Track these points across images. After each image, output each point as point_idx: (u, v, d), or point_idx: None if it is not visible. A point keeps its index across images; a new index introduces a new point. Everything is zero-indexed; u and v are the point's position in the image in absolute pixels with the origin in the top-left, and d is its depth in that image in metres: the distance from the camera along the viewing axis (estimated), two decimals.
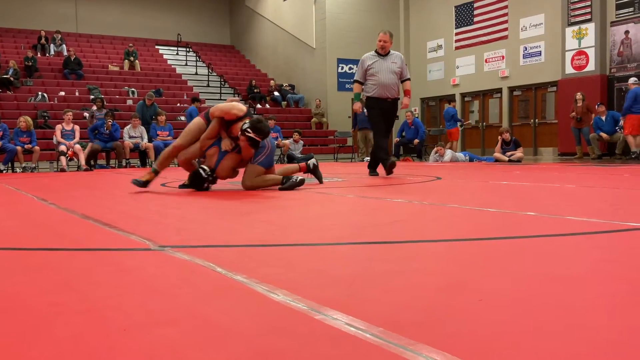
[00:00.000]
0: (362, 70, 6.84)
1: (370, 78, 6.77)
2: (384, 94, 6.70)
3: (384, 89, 6.69)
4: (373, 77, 6.73)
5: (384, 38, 6.73)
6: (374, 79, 6.72)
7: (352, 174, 8.09)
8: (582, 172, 7.27)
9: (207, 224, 3.00)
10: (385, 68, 6.69)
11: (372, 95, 6.77)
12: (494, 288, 1.50)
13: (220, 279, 1.64)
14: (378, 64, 6.72)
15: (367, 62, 6.78)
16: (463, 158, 12.57)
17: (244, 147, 4.77)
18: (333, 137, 17.12)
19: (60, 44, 19.56)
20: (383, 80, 6.68)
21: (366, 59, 6.82)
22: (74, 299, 1.46)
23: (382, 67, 6.70)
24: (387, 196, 4.33)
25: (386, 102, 6.74)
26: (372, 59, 6.78)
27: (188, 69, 20.69)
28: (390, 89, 6.72)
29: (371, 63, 6.74)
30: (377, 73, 6.70)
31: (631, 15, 13.37)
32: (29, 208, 4.04)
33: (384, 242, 2.27)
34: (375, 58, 6.77)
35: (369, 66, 6.75)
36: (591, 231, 2.43)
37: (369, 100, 6.85)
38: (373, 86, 6.74)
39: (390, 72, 6.70)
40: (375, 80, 6.71)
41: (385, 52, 6.76)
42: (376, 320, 1.20)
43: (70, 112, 11.85)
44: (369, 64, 6.76)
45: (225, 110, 4.82)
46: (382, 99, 6.73)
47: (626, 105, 11.69)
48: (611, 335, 1.11)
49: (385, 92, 6.70)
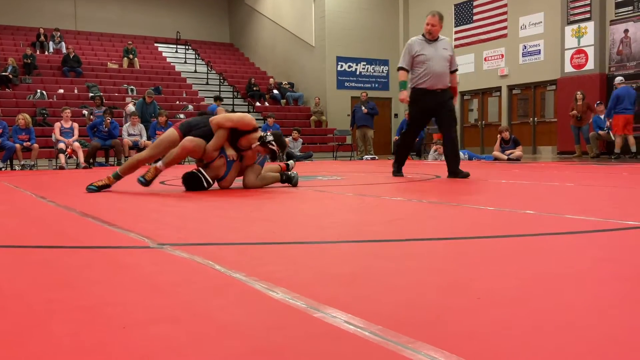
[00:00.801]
0: (408, 56, 6.03)
1: (419, 66, 5.97)
2: (435, 84, 5.94)
3: (437, 79, 5.93)
4: (423, 65, 5.94)
5: (432, 21, 5.98)
6: (425, 66, 5.93)
7: (351, 172, 8.10)
8: (581, 170, 7.28)
9: (206, 221, 3.00)
10: (437, 55, 5.95)
11: (421, 86, 5.98)
12: (493, 286, 1.50)
13: (220, 277, 1.63)
14: (429, 50, 5.96)
15: (416, 48, 6.00)
16: (462, 157, 12.56)
17: (250, 157, 4.83)
18: (332, 135, 17.12)
19: (59, 42, 19.54)
20: (436, 68, 5.91)
21: (414, 44, 6.05)
22: (72, 296, 1.46)
23: (434, 53, 5.95)
24: (386, 194, 4.33)
25: (436, 93, 5.97)
26: (420, 44, 6.00)
27: (187, 66, 20.67)
28: (442, 79, 5.97)
29: (420, 49, 5.97)
30: (428, 60, 5.92)
31: (630, 14, 13.37)
32: (28, 206, 4.04)
33: (383, 241, 2.27)
34: (424, 43, 6.01)
35: (417, 52, 5.96)
36: (591, 230, 2.43)
37: (416, 93, 6.04)
38: (423, 75, 5.95)
39: (443, 59, 5.97)
40: (426, 69, 5.92)
41: (434, 37, 6.02)
42: (375, 319, 1.20)
43: (68, 110, 11.83)
44: (417, 49, 5.98)
45: (244, 122, 4.74)
46: (432, 91, 5.97)
47: (609, 106, 11.81)
48: (611, 334, 1.11)
49: (437, 82, 5.94)
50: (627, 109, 11.63)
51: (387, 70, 19.52)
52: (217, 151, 4.73)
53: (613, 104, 11.70)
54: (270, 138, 4.76)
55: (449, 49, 6.08)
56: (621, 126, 11.63)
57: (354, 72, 19.08)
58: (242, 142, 4.79)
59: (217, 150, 4.73)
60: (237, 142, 4.79)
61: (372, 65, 19.33)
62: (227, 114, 4.97)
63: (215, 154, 4.72)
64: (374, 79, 19.42)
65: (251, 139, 4.76)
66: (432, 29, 5.98)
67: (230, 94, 18.78)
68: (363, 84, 19.03)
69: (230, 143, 4.78)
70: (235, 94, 18.76)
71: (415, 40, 6.09)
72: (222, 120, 4.74)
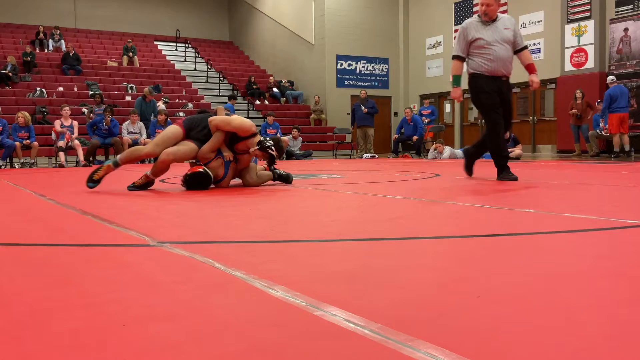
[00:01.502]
0: (464, 42, 5.28)
1: (477, 51, 5.23)
2: (499, 70, 5.19)
3: (500, 64, 5.18)
4: (483, 50, 5.19)
5: (486, 1, 5.16)
6: (485, 51, 5.18)
7: (351, 170, 8.10)
8: (581, 169, 7.28)
9: (205, 219, 3.00)
10: (498, 37, 5.17)
11: (483, 73, 5.22)
12: (493, 284, 1.50)
13: (219, 275, 1.64)
14: (488, 33, 5.18)
15: (472, 32, 5.23)
16: (462, 155, 12.57)
17: (246, 159, 4.87)
18: (332, 133, 17.12)
19: (59, 40, 19.52)
20: (498, 52, 5.16)
21: (469, 27, 5.26)
22: (72, 294, 1.46)
23: (494, 35, 5.17)
24: (385, 193, 4.33)
25: (500, 81, 5.24)
26: (476, 27, 5.24)
27: (187, 64, 20.65)
28: (506, 64, 5.22)
29: (477, 32, 5.21)
30: (488, 45, 5.16)
31: (630, 12, 13.37)
32: (28, 204, 4.04)
33: (383, 239, 2.27)
34: (481, 26, 5.24)
35: (474, 37, 5.21)
36: (590, 228, 2.43)
37: (477, 80, 5.27)
38: (484, 61, 5.20)
39: (505, 42, 5.20)
40: (487, 54, 5.18)
41: (492, 18, 5.22)
42: (375, 316, 1.20)
43: (67, 108, 11.82)
44: (473, 34, 5.22)
45: (244, 128, 4.70)
46: (496, 78, 5.21)
47: (603, 106, 11.84)
48: (610, 332, 1.12)
49: (500, 67, 5.18)
50: (621, 107, 11.65)
51: (387, 68, 19.51)
52: (214, 152, 4.71)
53: (607, 103, 11.72)
54: (269, 143, 4.72)
55: (511, 27, 5.26)
56: (616, 125, 11.65)
57: (354, 70, 19.07)
58: (240, 146, 4.77)
59: (214, 151, 4.71)
60: (235, 146, 4.78)
61: (371, 64, 19.32)
62: (226, 117, 4.89)
63: (212, 155, 4.70)
64: (374, 77, 19.41)
65: (249, 144, 4.74)
66: (488, 9, 5.18)
67: (230, 92, 18.77)
68: (363, 82, 19.02)
69: (227, 145, 4.77)
70: (234, 92, 18.75)
71: (470, 22, 5.32)
72: (221, 123, 4.71)
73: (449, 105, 18.21)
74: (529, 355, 0.99)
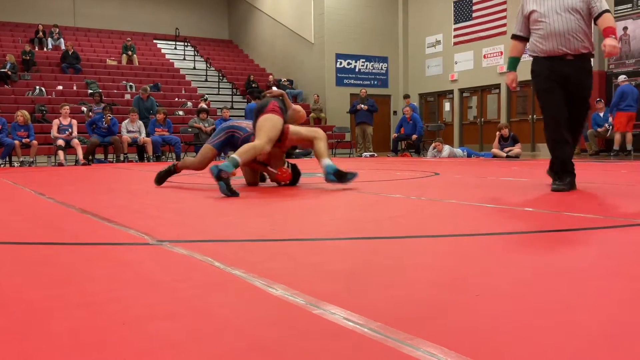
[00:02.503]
0: (521, 16, 4.31)
1: (533, 28, 4.21)
2: (556, 48, 4.09)
3: (558, 41, 4.08)
4: (537, 25, 4.16)
5: None
6: (538, 26, 4.15)
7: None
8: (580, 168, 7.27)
9: (205, 218, 3.00)
10: (558, 5, 4.06)
11: (538, 55, 4.22)
12: (492, 283, 1.50)
13: (219, 274, 1.64)
14: (545, 4, 4.11)
15: (529, 5, 4.21)
16: (461, 154, 12.58)
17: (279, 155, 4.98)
18: (331, 132, 17.11)
19: (58, 38, 19.49)
20: (553, 26, 4.06)
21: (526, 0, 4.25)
22: (72, 293, 1.47)
23: (552, 5, 4.08)
24: (385, 192, 4.33)
25: (563, 62, 4.13)
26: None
27: (186, 63, 20.64)
28: (568, 39, 4.07)
29: (535, 2, 4.17)
30: (542, 17, 4.11)
31: (629, 11, 13.37)
32: (27, 202, 4.04)
33: (383, 237, 2.28)
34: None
35: (530, 9, 4.19)
36: (590, 227, 2.43)
37: (533, 65, 4.32)
38: (537, 39, 4.18)
39: (565, 11, 4.05)
40: (539, 29, 4.14)
41: None
42: (374, 315, 1.20)
43: (67, 106, 11.80)
44: (529, 7, 4.20)
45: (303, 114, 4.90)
46: (556, 58, 4.13)
47: (613, 102, 11.84)
48: (610, 331, 1.12)
49: (558, 44, 4.08)
50: (630, 106, 11.66)
51: (386, 67, 19.50)
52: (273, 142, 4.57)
53: (618, 99, 11.70)
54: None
55: None
56: (624, 123, 11.65)
57: (353, 69, 19.06)
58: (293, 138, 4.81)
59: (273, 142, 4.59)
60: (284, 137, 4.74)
61: (371, 62, 19.30)
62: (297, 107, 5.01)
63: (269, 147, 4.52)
64: (373, 76, 19.40)
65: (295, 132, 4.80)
66: None
67: (230, 90, 18.77)
68: (362, 81, 19.01)
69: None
70: (234, 90, 18.74)
71: None
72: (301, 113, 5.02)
73: (448, 104, 18.21)
74: (528, 353, 0.99)
